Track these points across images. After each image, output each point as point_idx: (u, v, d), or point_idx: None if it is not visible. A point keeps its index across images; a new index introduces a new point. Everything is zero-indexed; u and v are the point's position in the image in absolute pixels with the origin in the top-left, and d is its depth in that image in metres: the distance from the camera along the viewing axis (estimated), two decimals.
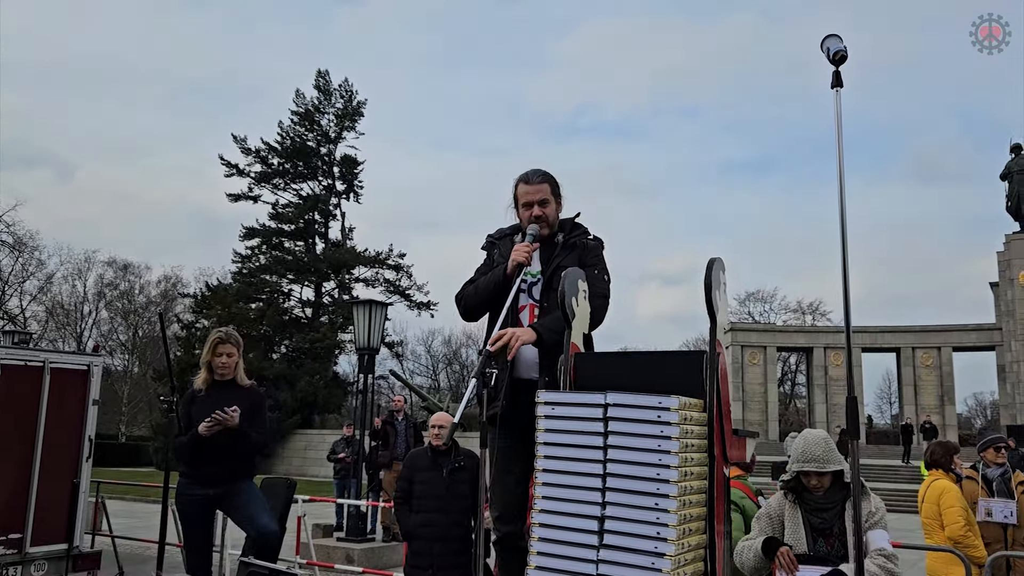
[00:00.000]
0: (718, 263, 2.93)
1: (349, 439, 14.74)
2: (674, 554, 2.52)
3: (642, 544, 2.55)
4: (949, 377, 40.36)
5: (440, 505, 5.77)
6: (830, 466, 3.71)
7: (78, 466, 8.12)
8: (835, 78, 2.71)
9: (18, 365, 7.80)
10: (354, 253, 42.24)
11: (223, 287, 40.74)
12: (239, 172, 42.29)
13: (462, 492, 5.77)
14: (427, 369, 65.71)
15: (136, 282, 56.12)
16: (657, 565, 2.51)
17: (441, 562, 5.58)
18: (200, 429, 5.05)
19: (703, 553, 2.75)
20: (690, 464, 2.66)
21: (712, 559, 2.78)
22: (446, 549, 5.62)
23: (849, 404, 2.60)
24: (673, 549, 2.52)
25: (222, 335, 5.38)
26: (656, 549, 2.53)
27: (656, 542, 2.54)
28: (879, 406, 65.79)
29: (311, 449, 33.36)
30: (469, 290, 3.73)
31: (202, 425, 5.04)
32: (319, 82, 43.64)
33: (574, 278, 3.17)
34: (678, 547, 2.55)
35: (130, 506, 18.15)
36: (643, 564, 2.53)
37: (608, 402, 2.67)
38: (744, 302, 61.02)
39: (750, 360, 42.41)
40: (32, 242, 48.46)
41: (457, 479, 5.80)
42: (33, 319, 50.47)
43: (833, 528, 3.71)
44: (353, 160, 43.25)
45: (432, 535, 5.68)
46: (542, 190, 3.68)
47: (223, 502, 5.22)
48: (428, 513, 5.79)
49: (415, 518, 5.82)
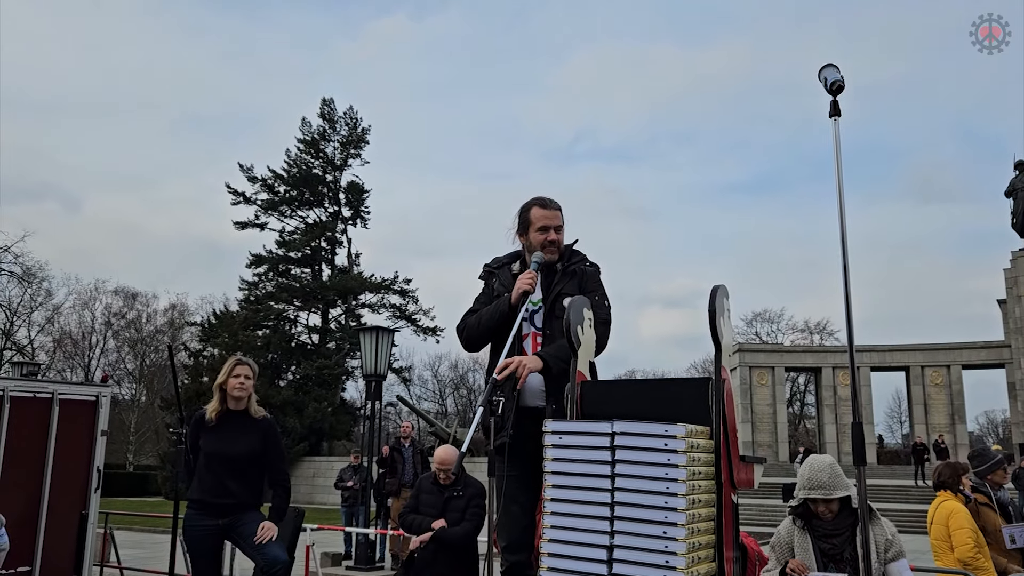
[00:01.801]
0: (721, 290, 2.95)
1: (356, 467, 14.71)
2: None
3: (651, 573, 2.55)
4: (959, 395, 40.11)
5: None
6: (837, 492, 3.69)
7: (87, 497, 8.12)
8: (833, 107, 2.75)
9: (27, 397, 7.83)
10: (360, 279, 42.36)
11: (230, 314, 40.82)
12: (246, 200, 42.57)
13: (453, 520, 5.95)
14: (434, 394, 65.72)
15: (143, 311, 56.37)
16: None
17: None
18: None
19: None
20: (698, 491, 2.66)
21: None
22: (433, 574, 5.77)
23: (855, 430, 2.61)
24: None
25: (241, 358, 5.39)
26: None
27: (665, 570, 2.54)
28: (889, 425, 65.44)
29: (319, 476, 33.25)
30: (471, 321, 3.74)
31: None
32: (324, 110, 44.05)
33: (579, 306, 3.19)
34: (687, 574, 2.55)
35: (138, 536, 18.09)
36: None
37: (615, 431, 2.68)
38: (751, 322, 61.00)
39: (758, 381, 42.24)
40: (40, 273, 48.77)
41: (451, 506, 5.98)
42: (41, 349, 50.61)
43: (844, 553, 3.69)
44: (359, 187, 43.52)
45: (437, 561, 5.82)
46: (559, 216, 3.73)
47: (232, 532, 5.19)
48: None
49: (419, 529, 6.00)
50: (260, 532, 5.06)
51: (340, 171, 43.92)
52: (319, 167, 43.43)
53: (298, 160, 43.22)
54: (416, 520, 5.94)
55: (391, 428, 38.76)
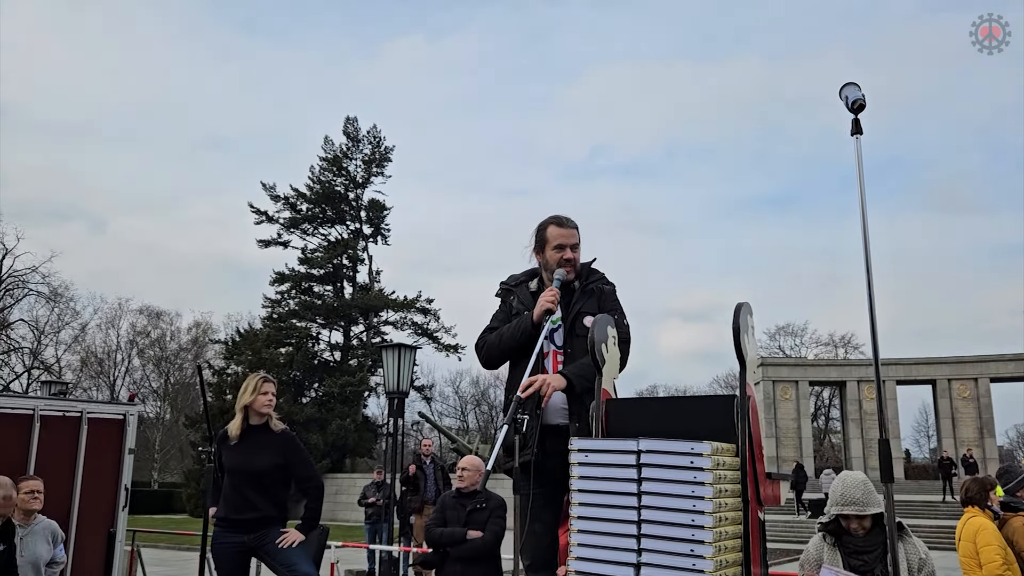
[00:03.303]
0: (745, 307, 2.96)
1: (379, 484, 14.74)
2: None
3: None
4: (988, 409, 39.51)
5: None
6: (870, 509, 3.68)
7: (114, 515, 8.20)
8: (854, 126, 2.76)
9: (57, 416, 7.95)
10: (382, 297, 42.57)
11: (253, 332, 41.15)
12: (268, 219, 43.03)
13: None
14: (456, 411, 65.68)
15: (168, 329, 56.96)
16: None
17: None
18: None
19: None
20: (724, 509, 2.66)
21: None
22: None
23: (882, 447, 2.60)
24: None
25: (266, 376, 5.46)
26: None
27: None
28: (916, 440, 64.52)
29: (342, 494, 33.29)
30: (492, 339, 3.76)
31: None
32: (348, 128, 44.52)
33: (603, 324, 3.21)
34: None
35: (163, 554, 18.21)
36: None
37: (641, 448, 2.69)
38: (774, 336, 60.50)
39: (782, 395, 41.86)
40: (67, 293, 49.46)
41: (473, 519, 6.01)
42: (68, 368, 51.28)
43: (875, 570, 3.67)
44: (380, 204, 43.83)
45: (455, 571, 5.91)
46: (575, 235, 3.76)
47: (259, 550, 5.23)
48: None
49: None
50: (283, 538, 5.11)
51: (362, 188, 44.27)
52: (341, 184, 43.81)
53: (320, 178, 43.64)
54: (447, 532, 5.97)
55: (413, 445, 38.81)
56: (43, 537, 5.85)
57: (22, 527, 5.73)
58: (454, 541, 5.91)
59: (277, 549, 5.14)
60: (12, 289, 46.79)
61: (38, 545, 5.77)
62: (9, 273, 46.21)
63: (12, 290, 46.83)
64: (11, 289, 46.76)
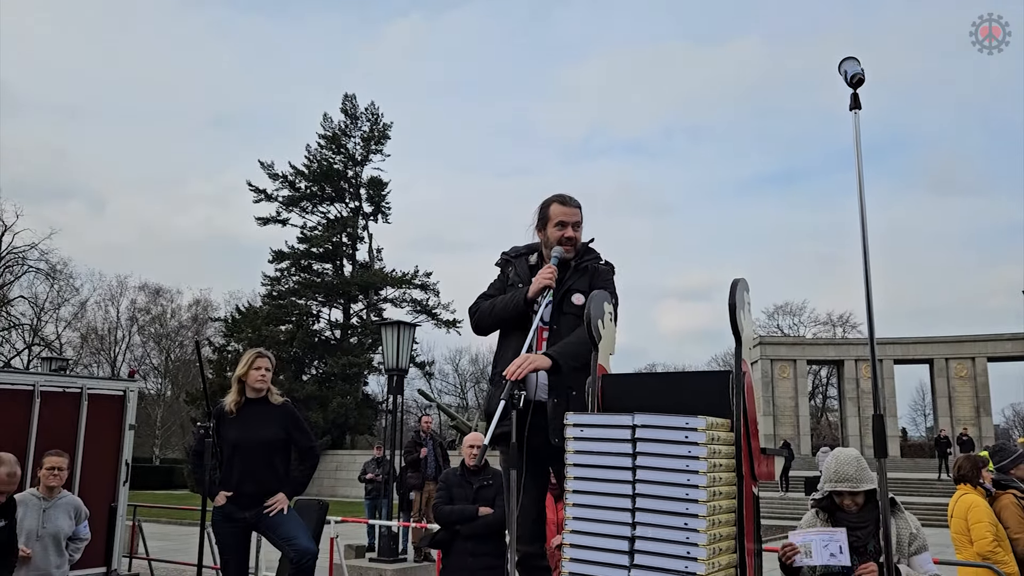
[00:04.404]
0: (742, 283, 2.96)
1: (379, 460, 14.83)
2: (705, 573, 2.54)
3: (673, 564, 2.58)
4: (984, 388, 39.69)
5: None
6: (863, 485, 3.70)
7: (115, 490, 8.26)
8: (853, 100, 2.74)
9: (57, 392, 7.99)
10: (381, 274, 42.55)
11: (253, 310, 41.18)
12: (267, 197, 42.87)
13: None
14: (455, 388, 65.89)
15: (168, 307, 56.98)
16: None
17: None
18: (218, 500, 5.22)
19: (734, 572, 2.77)
20: (719, 484, 2.68)
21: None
22: (482, 564, 5.79)
23: (875, 421, 2.61)
24: (704, 568, 2.54)
25: (260, 350, 5.50)
26: (687, 569, 2.55)
27: (687, 562, 2.56)
28: (913, 419, 64.84)
29: (342, 470, 33.51)
30: (485, 307, 3.78)
31: (221, 495, 5.21)
32: (346, 106, 44.23)
33: (600, 300, 3.21)
34: (708, 566, 2.57)
35: (165, 528, 18.35)
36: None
37: (636, 423, 2.71)
38: (772, 315, 60.62)
39: (780, 374, 42.00)
40: (66, 269, 49.44)
41: (481, 496, 6.03)
42: (68, 345, 51.36)
43: (867, 546, 3.69)
44: (380, 182, 43.67)
45: (470, 550, 5.86)
46: (578, 214, 3.76)
47: (260, 524, 5.27)
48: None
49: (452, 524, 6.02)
50: (272, 505, 5.16)
51: (361, 166, 44.09)
52: (340, 162, 43.63)
53: (319, 155, 43.45)
54: (457, 509, 5.97)
55: (412, 422, 38.99)
56: (65, 512, 5.94)
57: (45, 500, 5.85)
58: (467, 518, 5.90)
59: (277, 524, 5.17)
60: (11, 266, 46.80)
61: (60, 519, 5.87)
62: (8, 250, 46.21)
63: (11, 267, 46.84)
64: (10, 266, 46.76)
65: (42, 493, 5.85)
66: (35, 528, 5.72)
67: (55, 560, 5.82)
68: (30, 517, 5.71)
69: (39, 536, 5.73)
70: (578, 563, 2.74)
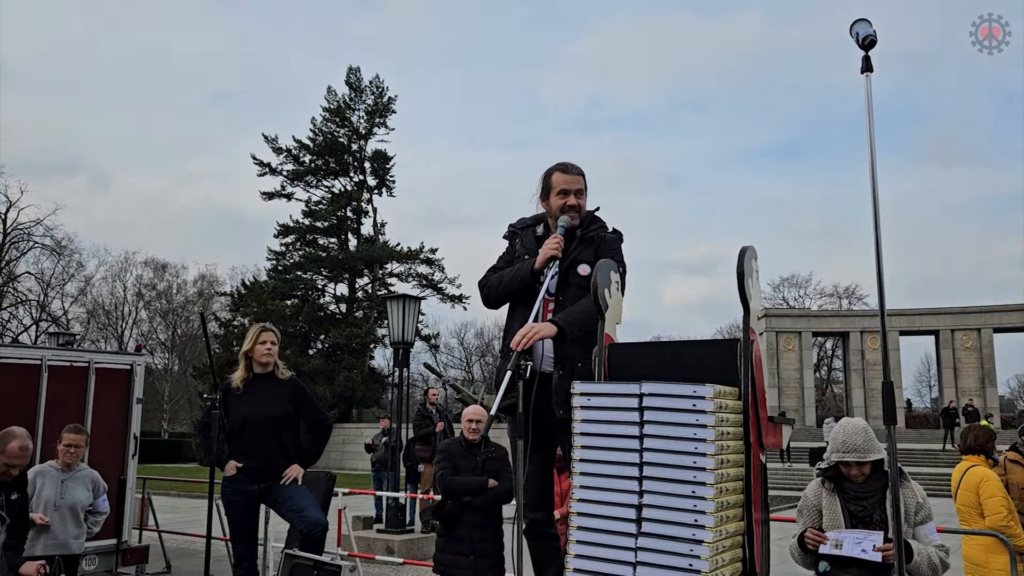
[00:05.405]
0: (750, 251, 2.93)
1: (387, 431, 14.91)
2: (712, 541, 2.54)
3: (680, 532, 2.58)
4: (990, 359, 39.67)
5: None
6: (871, 455, 3.70)
7: (124, 463, 8.31)
8: (865, 63, 2.69)
9: (64, 366, 8.01)
10: (387, 248, 42.49)
11: (259, 284, 41.21)
12: (271, 171, 42.72)
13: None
14: (461, 362, 66.14)
15: (174, 282, 57.11)
16: (695, 552, 2.54)
17: (481, 548, 5.70)
18: (228, 469, 5.23)
19: (741, 540, 2.77)
20: (726, 452, 2.68)
21: (750, 546, 2.79)
22: (484, 535, 5.76)
23: (885, 389, 2.60)
24: (711, 536, 2.54)
25: (265, 325, 5.50)
26: (694, 536, 2.55)
27: (694, 529, 2.56)
28: (918, 390, 64.88)
29: (349, 443, 33.72)
30: (493, 280, 3.78)
31: (231, 464, 5.22)
32: (351, 79, 43.88)
33: (607, 269, 3.19)
34: (716, 534, 2.57)
35: (174, 501, 18.52)
36: (681, 551, 2.56)
37: (643, 392, 2.69)
38: (778, 287, 60.48)
39: (785, 346, 42.01)
40: (71, 245, 49.51)
41: (488, 468, 6.00)
42: (75, 320, 51.56)
43: (873, 516, 3.69)
44: (384, 155, 43.42)
45: (472, 522, 5.81)
46: (580, 181, 3.74)
47: (268, 497, 5.29)
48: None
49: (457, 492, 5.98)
50: (285, 475, 5.21)
51: (365, 140, 43.84)
52: (344, 136, 43.38)
53: (323, 129, 43.20)
54: (467, 481, 5.91)
55: (419, 396, 39.13)
56: (83, 484, 6.05)
57: (64, 472, 5.95)
58: (477, 490, 5.85)
59: (286, 496, 5.19)
60: (17, 242, 46.89)
61: (78, 491, 5.98)
62: (14, 226, 46.27)
63: (17, 243, 46.92)
64: (16, 242, 46.85)
65: (61, 466, 5.95)
66: (53, 498, 5.83)
67: (73, 531, 5.94)
68: (48, 487, 5.84)
69: (57, 507, 5.84)
70: (585, 531, 2.74)
